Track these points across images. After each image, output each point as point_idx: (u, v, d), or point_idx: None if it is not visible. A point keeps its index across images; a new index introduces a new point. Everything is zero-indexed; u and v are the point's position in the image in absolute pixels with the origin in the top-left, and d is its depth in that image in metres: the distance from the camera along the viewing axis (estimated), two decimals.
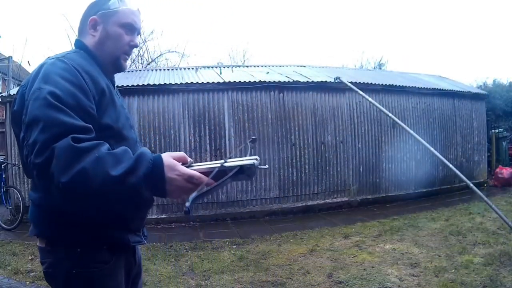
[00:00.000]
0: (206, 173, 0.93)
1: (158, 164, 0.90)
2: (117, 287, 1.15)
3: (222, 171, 0.91)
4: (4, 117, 6.93)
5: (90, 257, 1.07)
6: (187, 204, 0.86)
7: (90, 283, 1.08)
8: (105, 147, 0.92)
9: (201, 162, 1.14)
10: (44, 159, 0.87)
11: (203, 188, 0.89)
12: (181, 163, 0.95)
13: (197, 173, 0.92)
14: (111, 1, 1.19)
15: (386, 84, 7.25)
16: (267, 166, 5.54)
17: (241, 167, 0.90)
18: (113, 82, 1.27)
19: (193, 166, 0.98)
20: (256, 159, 0.93)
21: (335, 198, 6.79)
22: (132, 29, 1.21)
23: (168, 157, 0.93)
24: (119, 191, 0.88)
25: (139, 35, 1.27)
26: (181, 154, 0.99)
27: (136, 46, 1.25)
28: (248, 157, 0.94)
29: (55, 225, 1.08)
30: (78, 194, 0.88)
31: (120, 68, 1.25)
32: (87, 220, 1.05)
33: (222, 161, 0.94)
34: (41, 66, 1.06)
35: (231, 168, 0.90)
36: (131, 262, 1.25)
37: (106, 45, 1.19)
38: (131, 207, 0.97)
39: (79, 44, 1.21)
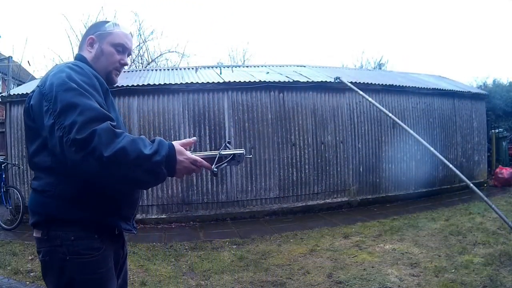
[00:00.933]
0: (206, 158, 1.24)
1: (172, 149, 1.16)
2: (107, 272, 1.27)
3: (220, 157, 1.26)
4: (4, 117, 6.92)
5: (83, 245, 1.20)
6: (215, 169, 1.23)
7: (83, 269, 1.21)
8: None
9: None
10: (86, 136, 1.05)
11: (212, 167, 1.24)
12: (188, 147, 1.25)
13: (199, 158, 1.22)
14: (107, 24, 1.41)
15: (386, 84, 7.25)
16: (251, 155, 6.14)
17: (234, 155, 1.27)
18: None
19: (196, 153, 1.26)
20: (243, 150, 1.30)
21: (335, 198, 6.79)
22: (123, 49, 1.41)
23: (177, 145, 1.19)
24: (146, 165, 1.10)
25: (130, 56, 1.48)
26: (185, 140, 1.26)
27: (125, 64, 1.44)
28: (237, 149, 1.30)
29: (54, 209, 1.21)
30: (117, 165, 1.07)
31: (112, 82, 1.42)
32: (85, 203, 1.20)
33: (218, 151, 1.27)
34: (58, 68, 1.23)
35: (227, 155, 1.26)
36: (119, 253, 1.40)
37: (100, 61, 1.38)
38: (151, 178, 1.14)
39: (80, 57, 1.40)
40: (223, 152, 1.25)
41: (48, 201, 1.21)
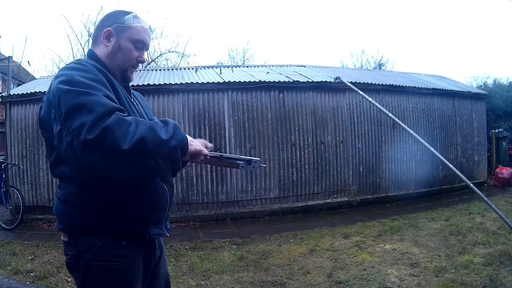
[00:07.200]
0: (228, 158, 1.28)
1: (183, 135, 1.14)
2: (132, 281, 1.22)
3: (237, 160, 1.29)
4: (4, 117, 6.92)
5: (109, 251, 1.17)
6: (250, 167, 1.28)
7: (106, 276, 1.17)
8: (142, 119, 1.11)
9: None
10: (98, 134, 0.97)
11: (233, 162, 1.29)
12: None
13: (199, 140, 1.24)
14: (127, 16, 1.30)
15: (386, 84, 7.25)
16: (265, 164, 6.18)
17: (251, 160, 1.27)
18: (127, 88, 1.38)
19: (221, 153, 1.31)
20: (259, 159, 1.30)
21: (335, 198, 6.79)
22: (142, 46, 1.32)
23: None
24: (165, 151, 1.07)
25: (147, 51, 1.38)
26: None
27: (143, 62, 1.35)
28: (253, 157, 1.30)
29: (79, 219, 1.18)
30: (138, 156, 1.01)
31: (127, 79, 1.35)
32: (110, 211, 1.16)
33: (238, 155, 1.31)
34: (60, 72, 1.15)
35: (244, 159, 1.28)
36: (150, 258, 1.32)
37: (117, 57, 1.29)
38: (168, 163, 1.12)
39: (91, 55, 1.31)
40: (243, 157, 1.28)
41: (72, 211, 1.18)
